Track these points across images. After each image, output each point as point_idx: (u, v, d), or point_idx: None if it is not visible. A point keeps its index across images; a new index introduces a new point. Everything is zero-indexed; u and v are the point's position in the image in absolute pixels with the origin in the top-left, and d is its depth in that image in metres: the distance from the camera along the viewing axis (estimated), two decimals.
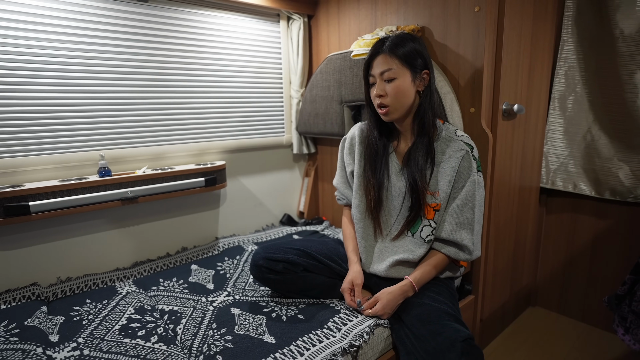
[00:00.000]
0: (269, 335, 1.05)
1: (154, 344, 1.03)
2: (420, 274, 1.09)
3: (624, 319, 1.21)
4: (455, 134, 1.14)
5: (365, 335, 1.05)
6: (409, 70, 1.07)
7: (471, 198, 1.09)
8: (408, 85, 1.08)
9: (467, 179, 1.09)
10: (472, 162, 1.09)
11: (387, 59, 1.07)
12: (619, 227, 1.64)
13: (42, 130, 1.33)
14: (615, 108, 1.58)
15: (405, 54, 1.06)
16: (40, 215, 1.25)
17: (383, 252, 1.19)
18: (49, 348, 1.01)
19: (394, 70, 1.06)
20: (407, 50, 1.06)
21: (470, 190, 1.09)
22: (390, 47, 1.07)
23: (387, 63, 1.07)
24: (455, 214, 1.10)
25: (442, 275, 1.17)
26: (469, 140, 1.13)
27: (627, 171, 1.57)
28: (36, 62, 1.29)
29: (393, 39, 1.08)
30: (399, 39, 1.08)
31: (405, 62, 1.06)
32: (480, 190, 1.11)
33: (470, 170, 1.09)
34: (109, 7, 1.40)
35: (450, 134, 1.14)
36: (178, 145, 1.65)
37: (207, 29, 1.66)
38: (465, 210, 1.09)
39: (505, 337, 1.70)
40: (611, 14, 1.53)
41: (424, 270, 1.10)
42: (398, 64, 1.06)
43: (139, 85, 1.52)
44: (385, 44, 1.08)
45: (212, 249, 1.69)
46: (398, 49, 1.06)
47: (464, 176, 1.09)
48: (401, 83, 1.07)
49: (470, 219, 1.09)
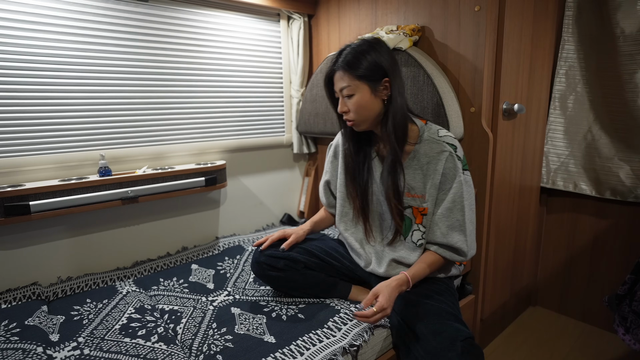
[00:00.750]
0: (269, 335, 1.05)
1: (154, 344, 1.03)
2: (415, 270, 1.07)
3: (625, 319, 1.21)
4: (437, 134, 1.11)
5: (365, 334, 1.05)
6: (366, 84, 1.04)
7: (459, 199, 1.07)
8: (368, 99, 1.05)
9: (453, 181, 1.07)
10: (456, 163, 1.07)
11: (343, 76, 1.05)
12: (619, 227, 1.64)
13: (43, 130, 1.33)
14: (615, 107, 1.57)
15: (359, 69, 1.03)
16: (40, 214, 1.25)
17: (380, 255, 1.20)
18: (49, 347, 1.01)
19: (351, 87, 1.04)
20: (361, 65, 1.03)
21: (458, 192, 1.07)
22: (343, 65, 1.04)
23: (343, 80, 1.05)
24: (445, 217, 1.08)
25: (441, 275, 1.17)
26: (452, 140, 1.10)
27: (627, 171, 1.56)
28: (36, 62, 1.29)
29: (347, 55, 1.05)
30: (353, 54, 1.04)
31: (360, 78, 1.03)
32: (468, 189, 1.09)
33: (455, 171, 1.07)
34: (109, 7, 1.40)
35: (433, 135, 1.11)
36: (178, 145, 1.65)
37: (208, 28, 1.66)
38: (455, 212, 1.08)
39: (505, 337, 1.70)
40: (612, 14, 1.53)
41: (419, 268, 1.08)
42: (354, 80, 1.03)
43: (139, 84, 1.51)
44: (339, 61, 1.05)
45: (212, 248, 1.69)
46: (351, 66, 1.03)
47: (449, 178, 1.07)
48: (360, 98, 1.04)
49: (461, 221, 1.07)
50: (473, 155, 1.40)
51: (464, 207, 1.08)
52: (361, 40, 1.08)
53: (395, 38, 1.39)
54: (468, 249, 1.10)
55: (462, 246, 1.08)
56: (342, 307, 1.18)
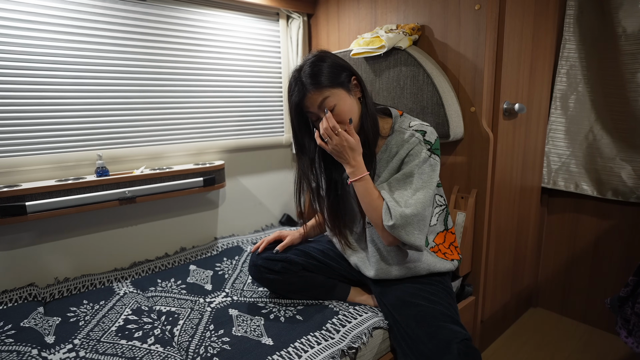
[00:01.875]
0: (267, 337, 1.04)
1: (151, 346, 1.02)
2: (372, 182, 1.03)
3: (627, 321, 1.20)
4: (408, 125, 1.08)
5: (363, 337, 1.04)
6: (341, 88, 1.02)
7: (409, 174, 1.02)
8: (349, 102, 1.03)
9: (413, 161, 1.03)
10: (421, 147, 1.03)
11: (316, 93, 1.00)
12: (621, 228, 1.63)
13: (39, 130, 1.32)
14: (617, 107, 1.56)
15: (328, 77, 1.00)
16: (37, 215, 1.24)
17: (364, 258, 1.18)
18: (44, 350, 1.00)
19: (330, 98, 1.00)
20: (326, 73, 1.00)
21: (412, 168, 1.02)
22: (311, 83, 0.99)
23: (318, 96, 1.00)
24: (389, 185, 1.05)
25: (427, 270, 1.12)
26: (422, 127, 1.06)
27: (629, 171, 1.55)
28: (33, 62, 1.28)
29: (308, 73, 1.00)
30: (313, 68, 1.00)
31: (332, 86, 1.00)
32: (426, 169, 1.02)
33: (418, 153, 1.03)
34: (107, 6, 1.39)
35: (403, 126, 1.09)
36: (176, 145, 1.64)
37: (206, 27, 1.65)
38: (401, 185, 1.02)
39: (506, 339, 1.69)
40: (614, 12, 1.52)
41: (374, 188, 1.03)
42: (327, 90, 1.00)
43: (137, 84, 1.51)
44: (305, 82, 1.00)
45: (210, 249, 1.68)
46: (319, 78, 0.99)
47: (411, 160, 1.03)
48: (343, 104, 1.01)
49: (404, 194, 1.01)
50: (473, 155, 1.38)
51: (414, 183, 1.01)
52: (310, 57, 1.04)
53: (394, 37, 1.38)
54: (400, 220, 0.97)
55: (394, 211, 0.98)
56: (340, 309, 1.16)
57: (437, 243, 1.17)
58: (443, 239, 1.19)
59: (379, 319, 1.11)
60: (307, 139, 1.11)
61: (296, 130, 1.09)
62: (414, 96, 1.37)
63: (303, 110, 1.04)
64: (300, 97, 1.01)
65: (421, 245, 1.01)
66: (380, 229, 1.03)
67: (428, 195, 1.00)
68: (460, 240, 1.39)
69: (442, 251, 1.17)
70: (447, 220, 1.20)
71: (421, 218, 0.99)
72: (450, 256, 1.18)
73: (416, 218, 0.98)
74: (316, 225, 1.34)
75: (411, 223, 0.97)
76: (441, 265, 1.14)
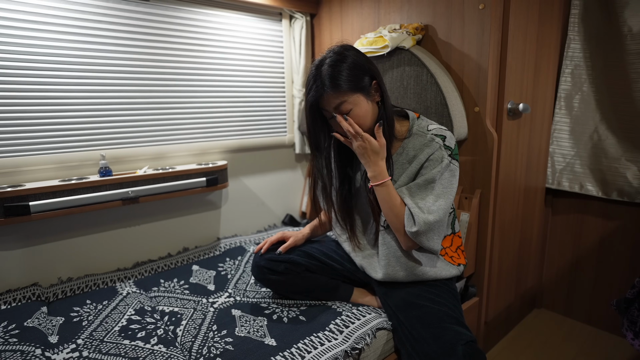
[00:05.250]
0: (270, 338, 1.04)
1: (154, 346, 1.02)
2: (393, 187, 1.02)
3: (634, 323, 1.19)
4: (426, 128, 1.07)
5: (367, 338, 1.03)
6: (360, 93, 0.99)
7: (431, 180, 1.01)
8: (366, 107, 1.01)
9: (435, 166, 1.02)
10: (442, 153, 1.02)
11: (334, 95, 0.98)
12: (626, 229, 1.62)
13: (43, 130, 1.32)
14: (622, 107, 1.55)
15: (348, 82, 0.97)
16: (40, 215, 1.24)
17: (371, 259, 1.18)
18: (48, 349, 1.00)
19: (348, 101, 0.98)
20: (346, 76, 0.97)
21: (433, 173, 1.01)
22: (331, 85, 0.97)
23: (335, 98, 0.98)
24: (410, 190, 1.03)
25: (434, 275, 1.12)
26: (442, 131, 1.05)
27: (635, 171, 1.54)
28: (37, 62, 1.28)
29: (328, 73, 0.97)
30: (334, 68, 0.97)
31: (352, 90, 0.98)
32: (447, 175, 1.02)
33: (439, 158, 1.02)
34: (110, 6, 1.40)
35: (421, 129, 1.08)
36: (179, 145, 1.64)
37: (209, 28, 1.65)
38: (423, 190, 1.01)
39: (510, 340, 1.68)
40: (619, 12, 1.51)
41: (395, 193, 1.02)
42: (346, 94, 0.98)
43: (140, 84, 1.51)
44: (325, 84, 0.97)
45: (213, 249, 1.68)
46: (339, 82, 0.96)
47: (432, 165, 1.02)
48: (359, 109, 1.00)
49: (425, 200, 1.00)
50: (477, 155, 1.38)
51: (436, 189, 1.01)
52: (331, 54, 1.01)
53: (398, 37, 1.38)
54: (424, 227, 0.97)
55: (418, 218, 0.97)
56: (344, 309, 1.16)
57: (445, 246, 1.17)
58: (450, 242, 1.19)
59: (382, 320, 1.11)
60: (322, 135, 1.09)
61: (310, 127, 1.08)
62: (418, 96, 1.36)
63: (319, 107, 1.03)
64: (316, 97, 1.00)
65: (439, 249, 1.03)
66: (401, 234, 1.03)
67: (449, 202, 1.02)
68: (464, 241, 1.38)
69: (449, 254, 1.17)
70: (455, 223, 1.20)
71: (442, 224, 1.01)
72: (457, 260, 1.18)
73: (437, 224, 0.99)
74: (320, 225, 1.34)
75: (433, 229, 0.99)
76: (447, 272, 1.14)
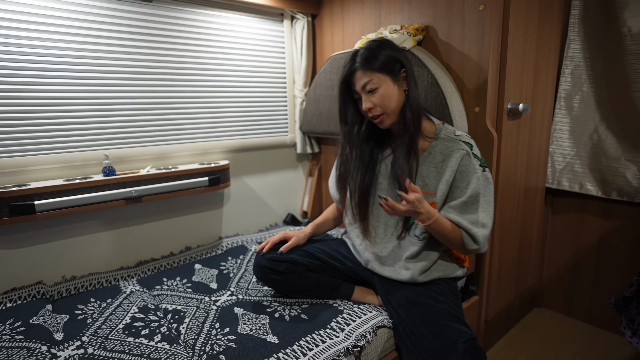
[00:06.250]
0: (272, 335, 1.05)
1: (158, 343, 1.03)
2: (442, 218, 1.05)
3: (632, 321, 1.20)
4: (454, 134, 1.12)
5: (368, 335, 1.04)
6: (388, 76, 1.06)
7: (475, 194, 1.06)
8: (392, 90, 1.07)
9: (470, 178, 1.06)
10: (472, 160, 1.07)
11: (364, 73, 1.06)
12: (626, 228, 1.62)
13: (47, 130, 1.34)
14: (622, 107, 1.56)
15: (378, 63, 1.06)
16: (45, 214, 1.26)
17: (381, 257, 1.19)
18: (53, 346, 1.02)
19: (374, 80, 1.06)
20: (379, 59, 1.06)
21: (476, 188, 1.06)
22: (362, 62, 1.07)
23: (365, 76, 1.06)
24: (458, 209, 1.07)
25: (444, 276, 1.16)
26: (468, 139, 1.11)
27: (634, 171, 1.55)
28: (41, 62, 1.29)
29: (363, 53, 1.08)
30: (370, 51, 1.07)
31: (381, 71, 1.06)
32: (487, 186, 1.09)
33: (471, 168, 1.06)
34: (114, 7, 1.41)
35: (449, 134, 1.12)
36: (182, 145, 1.66)
37: (211, 28, 1.67)
38: (470, 207, 1.06)
39: (510, 339, 1.69)
40: (618, 12, 1.51)
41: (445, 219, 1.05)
42: (375, 74, 1.06)
43: (143, 85, 1.52)
44: (357, 61, 1.08)
45: (215, 248, 1.69)
46: (370, 61, 1.06)
47: (465, 175, 1.07)
48: (384, 91, 1.06)
49: (476, 215, 1.06)
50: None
51: (482, 203, 1.07)
52: (371, 40, 1.13)
53: (399, 38, 1.39)
54: (484, 241, 1.07)
55: (478, 236, 1.05)
56: (345, 307, 1.17)
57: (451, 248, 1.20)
58: None
59: (383, 318, 1.12)
60: (350, 111, 1.17)
61: (341, 104, 1.17)
62: None
63: (349, 84, 1.12)
64: (348, 73, 1.10)
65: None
66: (457, 248, 1.10)
67: (493, 208, 1.09)
68: None
69: (454, 256, 1.19)
70: None
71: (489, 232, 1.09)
72: (462, 262, 1.20)
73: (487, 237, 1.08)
74: (324, 222, 1.35)
75: (487, 238, 1.07)
76: (452, 272, 1.17)
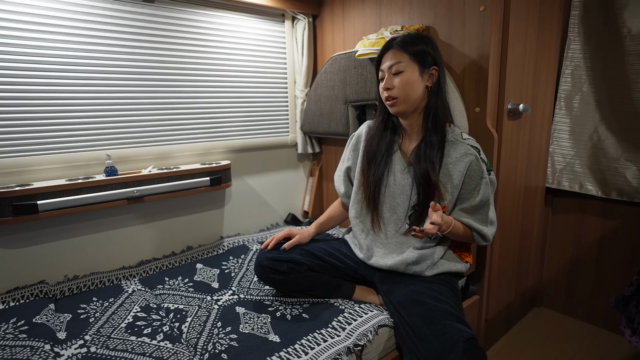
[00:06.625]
0: (274, 334, 1.06)
1: (160, 342, 1.04)
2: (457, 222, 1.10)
3: (632, 321, 1.20)
4: (461, 136, 1.14)
5: (369, 334, 1.05)
6: (417, 65, 1.10)
7: (486, 200, 1.11)
8: (415, 79, 1.10)
9: (479, 182, 1.10)
10: (481, 166, 1.10)
11: (397, 54, 1.11)
12: (625, 228, 1.63)
13: (50, 130, 1.35)
14: (622, 107, 1.56)
15: (414, 49, 1.10)
16: (48, 214, 1.26)
17: (387, 247, 1.19)
18: (56, 345, 1.02)
19: (402, 63, 1.10)
20: (417, 47, 1.10)
21: (485, 193, 1.11)
22: (400, 43, 1.11)
23: (395, 57, 1.11)
24: (470, 213, 1.13)
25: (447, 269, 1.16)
26: (475, 143, 1.14)
27: (634, 171, 1.55)
28: (44, 63, 1.30)
29: (405, 37, 1.13)
30: (411, 37, 1.13)
31: (413, 57, 1.10)
32: (492, 189, 1.15)
33: (481, 173, 1.10)
34: (115, 8, 1.42)
35: (457, 137, 1.14)
36: (183, 145, 1.66)
37: (212, 29, 1.67)
38: (482, 211, 1.12)
39: (510, 338, 1.70)
40: (618, 13, 1.52)
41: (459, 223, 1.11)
42: (406, 57, 1.10)
43: (145, 85, 1.53)
44: (397, 40, 1.13)
45: (217, 248, 1.70)
46: (408, 45, 1.10)
47: (475, 179, 1.10)
48: (408, 76, 1.10)
49: (485, 216, 1.13)
50: None
51: (490, 205, 1.13)
52: (417, 33, 1.23)
53: None
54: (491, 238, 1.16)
55: (488, 234, 1.14)
56: (346, 306, 1.18)
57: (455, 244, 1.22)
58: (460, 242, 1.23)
59: (384, 317, 1.12)
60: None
61: (376, 82, 1.23)
62: None
63: (380, 64, 1.16)
64: (383, 51, 1.15)
65: None
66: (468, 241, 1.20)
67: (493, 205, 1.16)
68: None
69: (457, 251, 1.21)
70: None
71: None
72: (465, 258, 1.22)
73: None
74: (328, 219, 1.37)
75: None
76: (456, 268, 1.18)
